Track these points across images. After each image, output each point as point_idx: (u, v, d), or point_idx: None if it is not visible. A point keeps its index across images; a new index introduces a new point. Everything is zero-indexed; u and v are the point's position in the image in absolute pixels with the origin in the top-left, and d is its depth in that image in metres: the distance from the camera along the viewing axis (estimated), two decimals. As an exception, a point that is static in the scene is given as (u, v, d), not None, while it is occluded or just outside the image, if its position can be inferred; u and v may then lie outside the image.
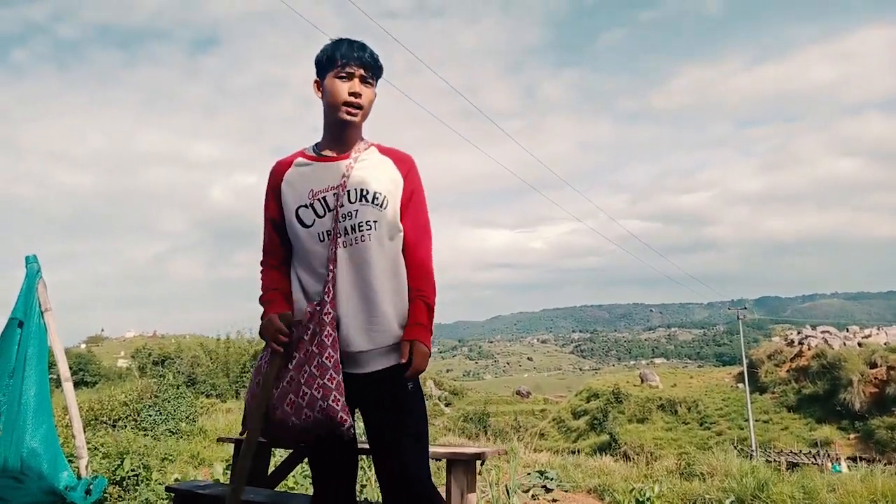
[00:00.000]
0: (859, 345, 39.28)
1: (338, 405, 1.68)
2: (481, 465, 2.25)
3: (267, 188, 1.94)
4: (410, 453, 1.79)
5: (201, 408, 14.63)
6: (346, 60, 1.84)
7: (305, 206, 1.84)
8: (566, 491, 6.31)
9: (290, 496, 2.67)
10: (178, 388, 11.15)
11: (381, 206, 1.85)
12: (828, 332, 44.30)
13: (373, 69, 1.88)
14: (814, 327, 48.30)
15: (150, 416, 9.77)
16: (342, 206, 1.82)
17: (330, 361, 1.71)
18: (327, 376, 1.70)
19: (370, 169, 1.89)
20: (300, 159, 1.93)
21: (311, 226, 1.83)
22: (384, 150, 1.97)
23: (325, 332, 1.73)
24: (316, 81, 1.92)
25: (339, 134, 1.91)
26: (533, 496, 5.94)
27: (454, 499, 2.14)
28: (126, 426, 9.44)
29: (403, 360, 1.78)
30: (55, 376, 4.39)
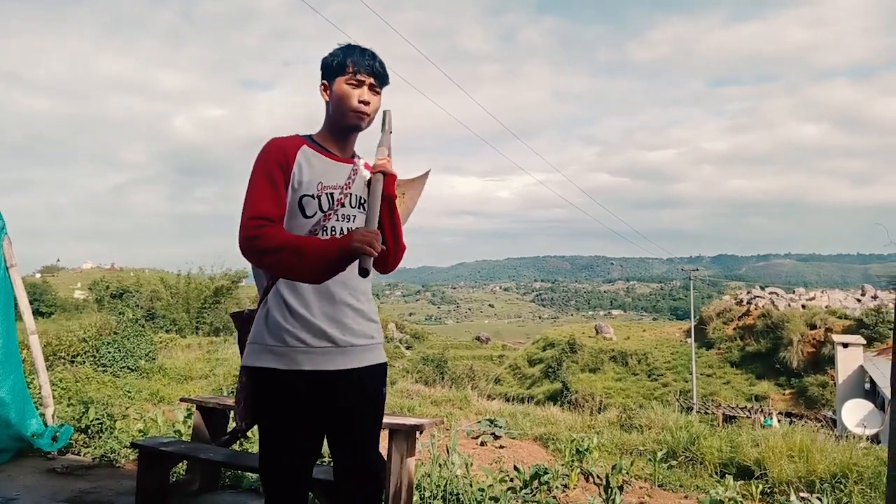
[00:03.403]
0: (803, 307, 41.22)
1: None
2: (419, 434, 2.44)
3: (271, 158, 1.81)
4: (376, 444, 1.94)
5: (160, 343, 14.65)
6: (358, 68, 1.84)
7: (312, 196, 1.82)
8: (513, 438, 6.68)
9: (245, 455, 2.85)
10: (136, 323, 11.09)
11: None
12: (775, 293, 46.23)
13: (381, 78, 1.90)
14: (763, 288, 50.35)
15: (110, 352, 9.78)
16: (343, 207, 1.87)
17: None
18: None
19: (362, 180, 1.94)
20: (306, 148, 1.87)
21: (310, 217, 1.82)
22: (366, 167, 2.00)
23: None
24: (324, 83, 1.90)
25: (343, 137, 1.93)
26: (482, 443, 6.28)
27: (394, 463, 2.34)
28: (84, 362, 9.45)
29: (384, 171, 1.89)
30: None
